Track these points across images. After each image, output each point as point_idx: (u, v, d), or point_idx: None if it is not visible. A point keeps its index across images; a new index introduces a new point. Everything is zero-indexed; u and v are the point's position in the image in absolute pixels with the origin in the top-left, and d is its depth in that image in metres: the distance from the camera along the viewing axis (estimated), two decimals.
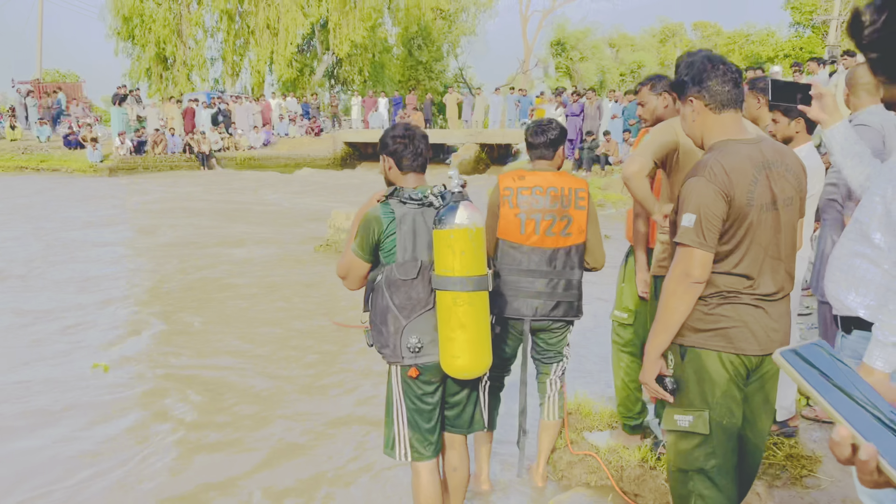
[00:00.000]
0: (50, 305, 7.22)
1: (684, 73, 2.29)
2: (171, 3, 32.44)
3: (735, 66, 2.29)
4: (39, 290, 7.89)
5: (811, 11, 32.25)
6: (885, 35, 0.79)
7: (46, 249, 10.22)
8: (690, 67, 2.27)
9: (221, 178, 21.19)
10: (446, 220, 2.54)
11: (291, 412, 4.70)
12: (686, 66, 2.29)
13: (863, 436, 0.76)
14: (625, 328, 3.74)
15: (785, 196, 2.25)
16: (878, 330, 2.05)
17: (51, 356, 5.75)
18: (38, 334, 6.32)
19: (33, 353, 5.81)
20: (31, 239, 11.06)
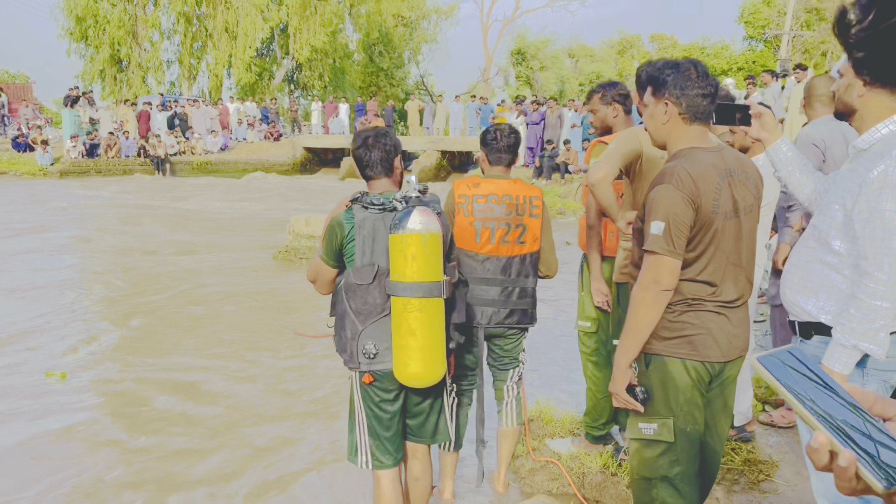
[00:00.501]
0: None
1: (667, 72, 2.28)
2: (126, 4, 31.82)
3: (715, 79, 2.30)
4: None
5: (763, 26, 33.12)
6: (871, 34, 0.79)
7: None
8: (675, 70, 2.26)
9: (177, 182, 20.82)
10: (400, 224, 2.52)
11: (252, 419, 4.60)
12: (671, 66, 2.28)
13: (841, 442, 0.75)
14: (589, 337, 3.74)
15: (746, 204, 2.28)
16: (838, 333, 2.09)
17: (3, 366, 5.55)
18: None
19: None
20: None
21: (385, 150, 2.76)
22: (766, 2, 33.91)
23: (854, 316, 2.06)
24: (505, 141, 3.25)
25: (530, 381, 5.06)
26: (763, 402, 4.34)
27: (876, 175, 2.02)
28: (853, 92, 2.14)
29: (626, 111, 3.62)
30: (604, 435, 3.80)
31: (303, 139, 26.42)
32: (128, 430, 4.43)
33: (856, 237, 2.10)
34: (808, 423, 0.78)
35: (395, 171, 2.82)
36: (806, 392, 0.80)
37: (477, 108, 22.79)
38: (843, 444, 0.75)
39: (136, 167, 23.02)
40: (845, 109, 2.21)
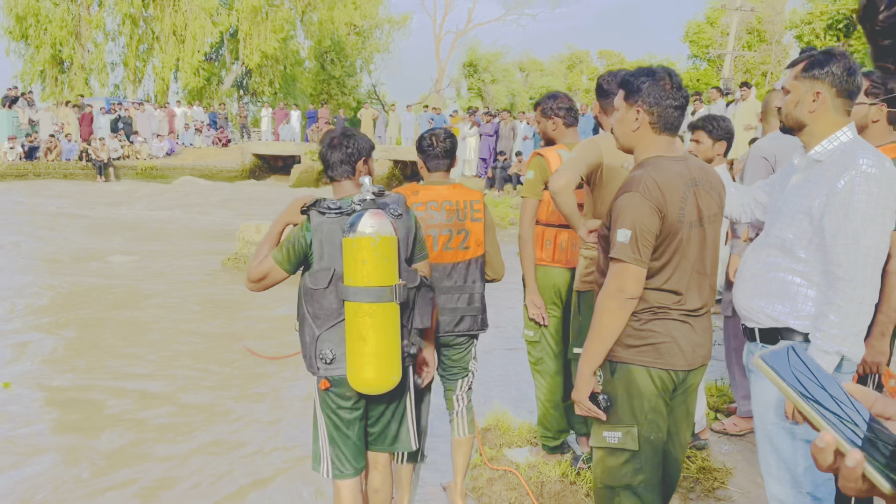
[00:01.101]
0: None
1: (642, 79, 2.27)
2: (69, 3, 30.92)
3: (686, 91, 2.31)
4: None
5: (707, 46, 34.06)
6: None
7: None
8: (650, 78, 2.26)
9: (119, 187, 20.24)
10: (352, 227, 2.48)
11: (203, 429, 4.46)
12: (647, 73, 2.28)
13: (847, 442, 0.73)
14: (534, 346, 3.73)
15: (710, 213, 2.30)
16: (818, 339, 2.14)
17: None
18: None
19: None
20: None
21: (347, 153, 2.71)
22: (709, 22, 34.90)
23: (835, 322, 2.11)
24: (441, 146, 3.22)
25: (488, 388, 5.04)
26: (715, 411, 4.41)
27: (844, 185, 2.11)
28: (804, 108, 2.24)
29: (566, 123, 3.65)
30: (560, 445, 3.79)
31: (252, 145, 25.99)
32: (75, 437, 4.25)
33: (826, 245, 2.16)
34: (813, 422, 0.76)
35: (359, 174, 2.76)
36: (810, 391, 0.79)
37: (429, 118, 22.79)
38: (850, 444, 0.73)
39: (78, 171, 22.29)
40: (794, 124, 2.31)
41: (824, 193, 2.15)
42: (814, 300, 2.22)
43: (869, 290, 2.12)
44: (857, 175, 2.09)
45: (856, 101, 2.30)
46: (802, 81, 2.27)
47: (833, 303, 2.13)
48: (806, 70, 2.26)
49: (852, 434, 0.74)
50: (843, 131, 2.22)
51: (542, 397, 3.72)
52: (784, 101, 2.33)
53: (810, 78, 2.24)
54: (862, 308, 2.11)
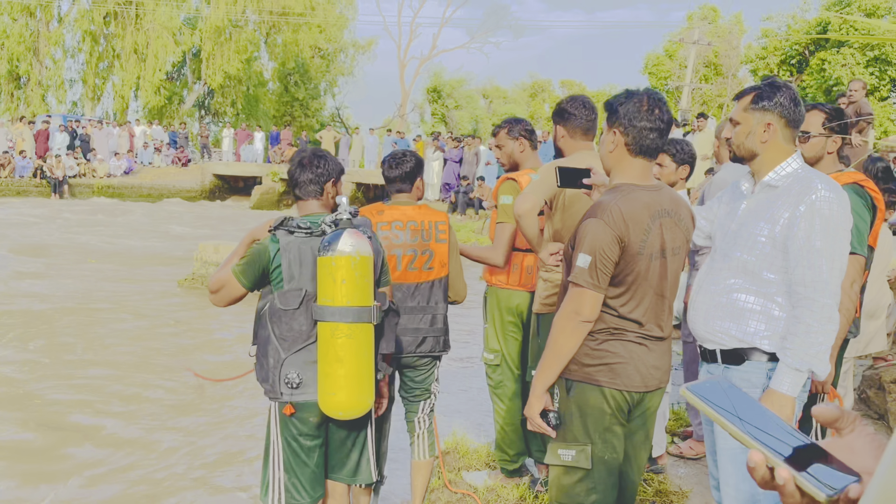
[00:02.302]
0: None
1: (621, 99, 2.29)
2: (28, 18, 30.43)
3: (669, 115, 2.30)
4: None
5: (666, 78, 34.91)
6: None
7: None
8: (629, 99, 2.28)
9: (74, 206, 19.80)
10: (330, 246, 2.43)
11: (146, 461, 4.34)
12: (626, 95, 2.30)
13: (776, 458, 0.76)
14: (494, 369, 3.72)
15: (674, 245, 2.32)
16: (788, 358, 2.20)
17: None
18: None
19: None
20: None
21: (317, 173, 2.68)
22: (668, 55, 35.82)
23: (803, 340, 2.18)
24: (406, 167, 3.23)
25: (447, 411, 5.02)
26: (672, 434, 4.45)
27: (805, 208, 2.20)
28: (755, 139, 2.32)
29: (532, 146, 3.68)
30: (518, 468, 3.78)
31: (212, 166, 25.69)
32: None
33: (789, 266, 2.23)
34: (743, 443, 0.80)
35: (327, 196, 2.74)
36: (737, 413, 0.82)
37: (393, 141, 22.85)
38: (778, 459, 0.76)
39: (32, 188, 21.77)
40: (746, 154, 2.39)
41: (786, 217, 2.23)
42: (778, 319, 2.28)
43: (835, 308, 2.20)
44: (818, 199, 2.18)
45: (800, 129, 2.39)
46: (752, 113, 2.34)
47: (801, 321, 2.19)
48: (755, 102, 2.33)
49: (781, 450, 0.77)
50: (794, 158, 2.32)
51: (501, 420, 3.71)
52: (734, 132, 2.40)
53: (760, 110, 2.32)
54: (829, 326, 2.18)
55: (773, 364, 2.28)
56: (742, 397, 0.85)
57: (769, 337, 2.29)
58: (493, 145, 3.79)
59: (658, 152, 2.32)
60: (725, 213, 2.50)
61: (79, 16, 31.82)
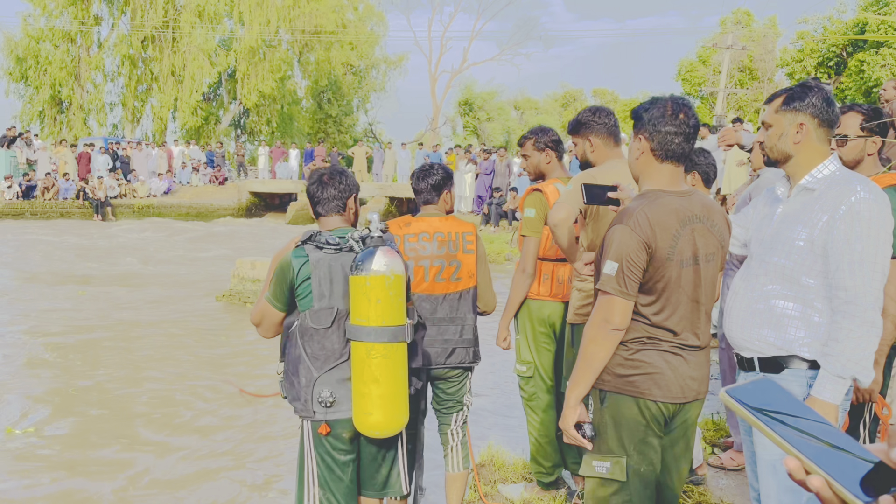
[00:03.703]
0: None
1: (646, 106, 2.28)
2: (69, 45, 31.35)
3: (696, 119, 2.26)
4: None
5: (700, 84, 34.54)
6: None
7: None
8: (653, 104, 2.26)
9: (116, 226, 20.26)
10: (363, 265, 2.42)
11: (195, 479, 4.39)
12: (651, 101, 2.28)
13: (815, 463, 0.74)
14: (527, 381, 3.68)
15: (707, 252, 2.28)
16: (830, 364, 2.15)
17: None
18: None
19: None
20: None
21: (339, 189, 2.69)
22: (701, 61, 35.45)
23: (845, 347, 2.13)
24: (433, 179, 3.23)
25: (482, 423, 4.99)
26: (712, 445, 4.36)
27: (845, 210, 2.15)
28: (788, 140, 2.27)
29: (558, 157, 3.65)
30: (555, 480, 3.73)
31: (249, 183, 26.10)
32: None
33: (829, 270, 2.18)
34: (781, 447, 0.78)
35: (349, 211, 2.75)
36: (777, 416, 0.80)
37: (425, 155, 22.98)
38: (816, 465, 0.74)
39: (75, 210, 22.34)
40: (780, 156, 2.34)
41: (825, 220, 2.18)
42: (818, 326, 2.23)
43: (877, 313, 2.14)
44: (857, 201, 2.14)
45: (835, 130, 2.34)
46: (784, 115, 2.30)
47: (842, 327, 2.14)
48: (786, 104, 2.29)
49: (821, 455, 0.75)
50: (831, 160, 2.27)
51: (535, 433, 3.68)
52: (767, 135, 2.36)
53: (792, 111, 2.28)
54: (871, 331, 2.13)
55: (814, 372, 2.22)
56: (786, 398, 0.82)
57: (809, 344, 2.24)
58: (520, 155, 3.78)
59: (686, 157, 2.29)
60: (761, 219, 2.45)
61: (118, 41, 32.70)
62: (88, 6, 31.53)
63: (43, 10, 30.64)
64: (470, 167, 19.73)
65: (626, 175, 3.04)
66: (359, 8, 40.51)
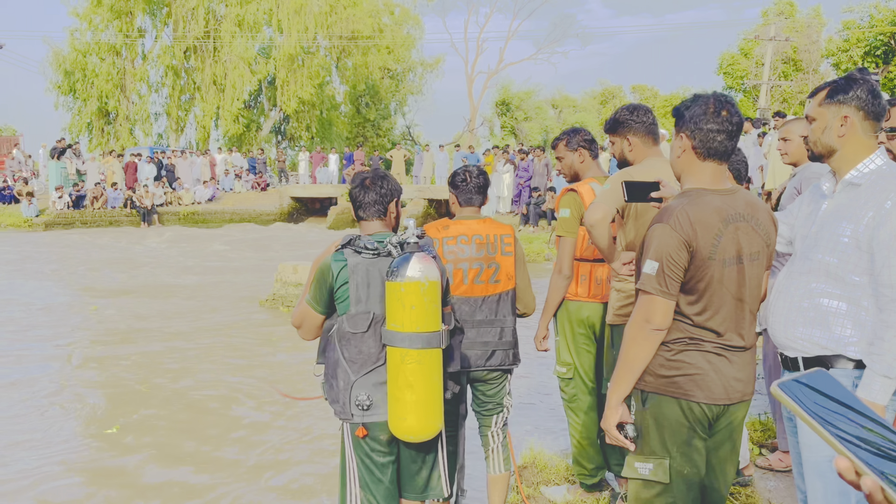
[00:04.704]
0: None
1: (688, 104, 2.26)
2: (115, 57, 32.17)
3: (739, 116, 2.22)
4: None
5: (742, 77, 33.90)
6: None
7: None
8: (695, 102, 2.24)
9: (163, 232, 20.72)
10: (398, 271, 2.43)
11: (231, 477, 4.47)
12: (693, 99, 2.26)
13: (866, 465, 0.72)
14: (567, 383, 3.66)
15: (752, 250, 2.24)
16: (876, 364, 2.11)
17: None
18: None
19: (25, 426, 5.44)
20: None
21: (380, 193, 2.71)
22: (743, 53, 34.78)
23: (892, 345, 2.08)
24: (474, 182, 3.24)
25: (522, 425, 4.98)
26: (760, 446, 4.28)
27: (891, 207, 2.10)
28: (832, 133, 2.22)
29: (592, 156, 3.62)
30: (598, 482, 3.71)
31: (290, 189, 26.46)
32: None
33: (875, 267, 2.14)
34: (834, 447, 0.75)
35: (390, 216, 2.76)
36: (829, 416, 0.77)
37: (463, 156, 23.00)
38: (867, 468, 0.72)
39: (123, 218, 22.94)
40: (824, 150, 2.29)
41: (870, 216, 2.13)
42: (865, 324, 2.18)
43: None
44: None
45: (882, 123, 2.27)
46: (828, 107, 2.25)
47: (889, 325, 2.09)
48: (830, 96, 2.24)
49: (874, 457, 0.73)
50: (877, 154, 2.21)
51: (577, 434, 3.65)
52: (810, 130, 2.31)
53: (836, 103, 2.22)
54: None
55: (860, 371, 2.17)
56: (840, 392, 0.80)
57: (856, 343, 2.19)
58: (555, 157, 3.77)
59: (728, 155, 2.25)
60: (806, 216, 2.40)
61: (161, 52, 33.46)
62: (132, 19, 32.32)
63: (89, 25, 31.51)
64: (508, 167, 19.67)
65: (666, 173, 3.01)
66: (395, 12, 40.77)
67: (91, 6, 31.10)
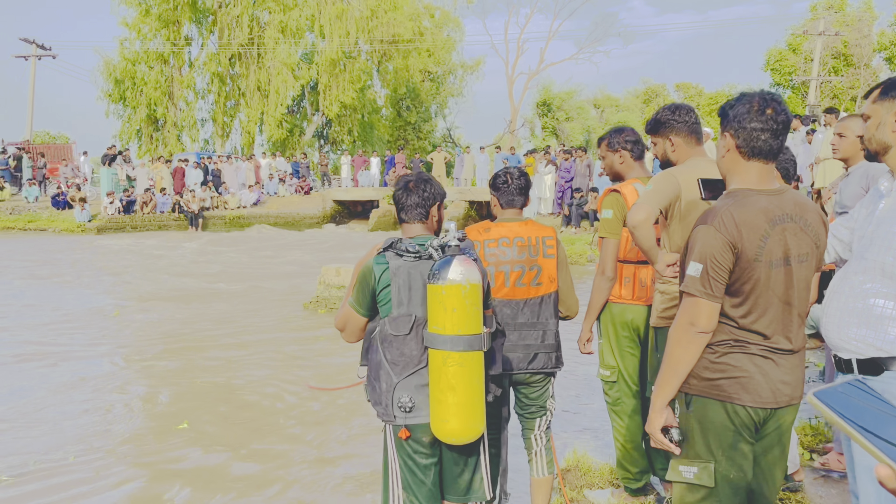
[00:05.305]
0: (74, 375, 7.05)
1: (732, 102, 2.22)
2: (162, 66, 32.96)
3: (785, 114, 2.17)
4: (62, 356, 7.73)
5: (790, 73, 33.16)
6: None
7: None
8: (739, 101, 2.21)
9: (209, 236, 21.15)
10: (440, 274, 2.43)
11: (274, 474, 4.55)
12: (738, 98, 2.23)
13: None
14: (611, 386, 3.63)
15: (800, 252, 2.19)
16: None
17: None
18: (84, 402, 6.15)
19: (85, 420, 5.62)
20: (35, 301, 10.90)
21: (422, 196, 2.72)
22: (792, 49, 34.02)
23: None
24: (516, 183, 3.23)
25: (566, 428, 4.95)
26: (810, 451, 4.18)
27: None
28: (886, 129, 2.18)
29: (633, 156, 3.57)
30: (643, 486, 3.66)
31: (332, 192, 26.79)
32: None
33: None
34: (872, 454, 0.74)
35: (432, 219, 2.77)
36: (869, 423, 0.76)
37: (504, 157, 22.96)
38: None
39: (171, 222, 23.49)
40: (879, 147, 2.25)
41: None
42: None
43: None
44: None
45: None
46: (882, 104, 2.21)
47: None
48: (884, 93, 2.20)
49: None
50: None
51: (621, 438, 3.62)
52: (866, 127, 2.27)
53: (890, 99, 2.18)
54: None
55: None
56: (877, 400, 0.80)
57: None
58: (599, 156, 3.75)
59: (774, 154, 2.20)
60: (864, 217, 2.34)
61: (207, 59, 34.19)
62: (179, 28, 33.09)
63: (138, 34, 32.36)
64: (549, 168, 19.57)
65: (710, 173, 2.96)
66: (435, 15, 40.95)
67: (140, 16, 31.93)
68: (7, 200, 24.56)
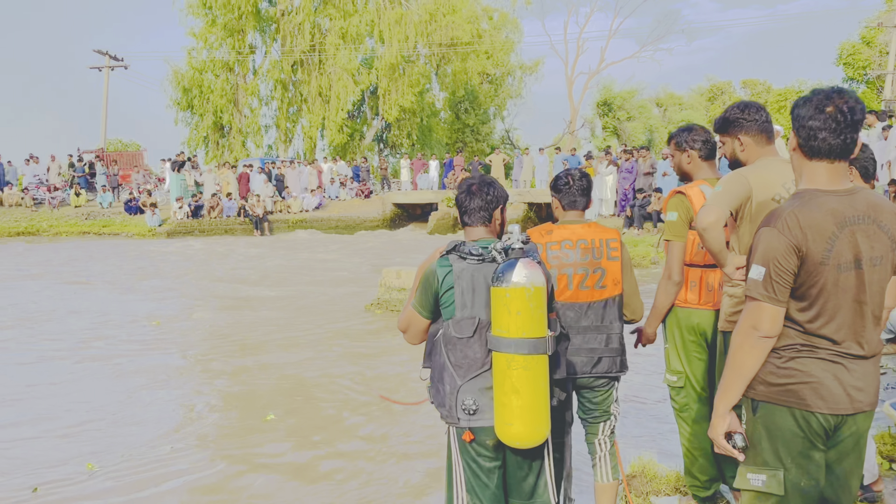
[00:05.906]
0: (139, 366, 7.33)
1: (800, 100, 2.16)
2: (228, 74, 33.87)
3: (851, 112, 2.07)
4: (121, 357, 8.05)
5: (865, 67, 31.88)
6: None
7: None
8: (806, 98, 2.14)
9: (274, 240, 21.62)
10: (504, 277, 2.43)
11: (340, 481, 4.61)
12: (807, 94, 2.16)
13: None
14: (678, 392, 3.54)
15: (873, 254, 2.10)
16: None
17: None
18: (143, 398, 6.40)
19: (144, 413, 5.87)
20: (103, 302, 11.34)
21: (486, 200, 2.72)
22: (865, 42, 32.71)
23: None
24: (577, 185, 3.19)
25: (631, 433, 4.87)
26: (890, 461, 4.01)
27: None
28: None
29: (702, 157, 3.48)
30: (712, 495, 3.57)
31: (392, 196, 27.06)
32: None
33: None
34: None
35: (495, 222, 2.77)
36: None
37: (563, 159, 22.76)
38: None
39: (237, 226, 24.12)
40: None
41: None
42: None
43: None
44: None
45: None
46: None
47: None
48: None
49: None
50: None
51: (688, 444, 3.53)
52: None
53: None
54: None
55: None
56: None
57: None
58: (666, 155, 3.69)
59: (838, 154, 2.10)
60: None
61: (270, 67, 34.99)
62: (244, 37, 33.94)
63: (205, 44, 33.33)
64: (610, 169, 19.29)
65: (783, 173, 2.87)
66: (493, 17, 40.92)
67: (206, 26, 32.89)
68: (83, 206, 25.64)
